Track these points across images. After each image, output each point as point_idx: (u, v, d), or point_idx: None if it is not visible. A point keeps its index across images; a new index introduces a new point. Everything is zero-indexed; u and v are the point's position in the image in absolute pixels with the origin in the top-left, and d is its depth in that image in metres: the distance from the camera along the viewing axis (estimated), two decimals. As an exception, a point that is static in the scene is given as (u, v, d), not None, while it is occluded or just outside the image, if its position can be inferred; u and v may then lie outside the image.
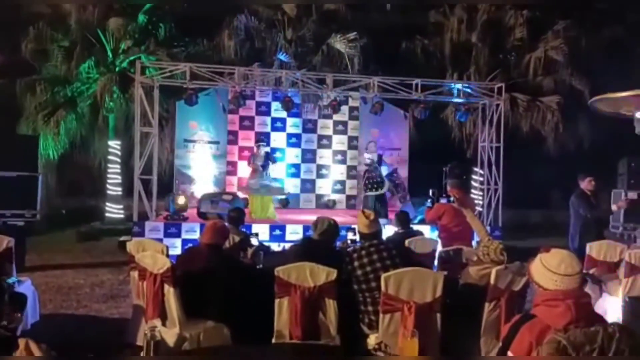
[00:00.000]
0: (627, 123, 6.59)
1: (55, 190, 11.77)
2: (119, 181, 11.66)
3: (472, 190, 11.67)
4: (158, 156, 9.59)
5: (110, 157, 11.60)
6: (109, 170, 11.65)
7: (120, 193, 11.72)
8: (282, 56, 11.37)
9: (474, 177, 11.80)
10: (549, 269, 2.02)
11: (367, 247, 3.70)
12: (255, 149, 10.70)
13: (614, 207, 7.05)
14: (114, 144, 11.57)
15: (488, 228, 9.06)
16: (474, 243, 5.56)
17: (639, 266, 4.56)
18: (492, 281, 3.42)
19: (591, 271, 5.15)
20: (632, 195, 8.77)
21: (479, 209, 10.48)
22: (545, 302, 1.99)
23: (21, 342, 1.72)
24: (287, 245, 5.40)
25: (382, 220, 7.05)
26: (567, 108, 11.95)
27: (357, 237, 4.12)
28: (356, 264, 3.61)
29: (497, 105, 10.07)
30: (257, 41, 11.94)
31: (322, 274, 3.36)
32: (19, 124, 10.91)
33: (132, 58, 11.03)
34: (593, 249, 5.34)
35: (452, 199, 5.97)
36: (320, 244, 3.99)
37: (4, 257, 4.22)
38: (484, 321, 3.43)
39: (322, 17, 12.36)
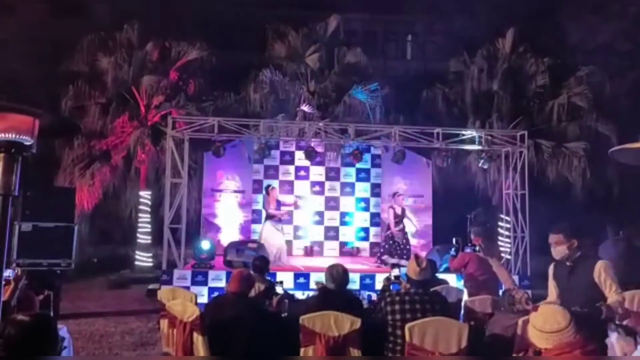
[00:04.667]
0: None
1: (88, 239, 12.11)
2: (149, 230, 11.94)
3: (500, 238, 11.51)
4: (186, 205, 9.87)
5: (140, 207, 11.94)
6: (139, 220, 11.97)
7: (149, 241, 11.98)
8: (305, 107, 11.75)
9: (500, 224, 11.68)
10: (537, 328, 2.07)
11: (412, 294, 3.69)
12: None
13: None
14: (145, 194, 11.94)
15: (516, 277, 8.91)
16: (500, 292, 5.50)
17: (674, 315, 4.42)
18: (518, 332, 3.40)
19: (625, 322, 5.00)
20: None
21: (506, 256, 10.31)
22: (554, 357, 2.02)
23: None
24: (311, 294, 5.43)
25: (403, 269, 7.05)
26: (594, 154, 11.80)
27: (405, 281, 4.06)
28: (397, 307, 3.59)
29: (521, 152, 10.08)
30: (282, 93, 12.39)
31: (346, 323, 3.41)
32: (57, 176, 11.43)
33: (163, 112, 11.57)
34: (626, 298, 5.20)
35: (477, 247, 5.96)
36: (339, 294, 4.01)
37: (43, 307, 4.38)
38: (511, 373, 3.38)
39: (343, 69, 12.78)
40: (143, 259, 11.91)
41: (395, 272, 5.23)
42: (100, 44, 11.99)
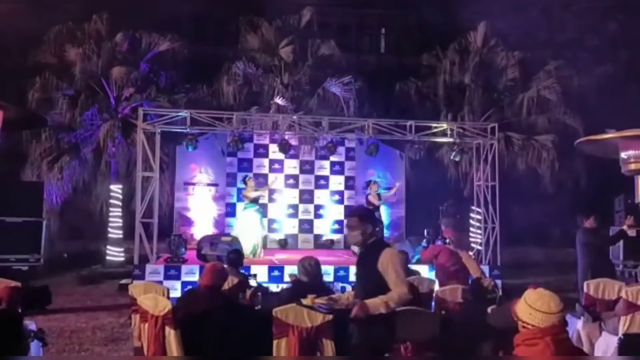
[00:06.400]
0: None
1: (58, 234, 11.84)
2: (120, 224, 11.75)
3: (471, 229, 11.73)
4: (158, 199, 9.74)
5: (111, 201, 11.74)
6: (111, 214, 11.76)
7: (121, 236, 11.79)
8: (279, 100, 11.69)
9: (471, 215, 11.89)
10: (527, 302, 2.12)
11: None
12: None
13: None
14: (116, 188, 11.73)
15: (486, 267, 9.12)
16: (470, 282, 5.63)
17: (636, 304, 4.56)
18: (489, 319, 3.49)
19: (592, 308, 5.14)
20: (631, 232, 8.76)
21: (477, 247, 10.51)
22: (524, 341, 2.07)
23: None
24: (285, 286, 5.46)
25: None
26: (562, 146, 12.08)
27: None
28: None
29: (492, 144, 10.26)
30: (255, 86, 12.30)
31: (319, 315, 3.43)
32: (24, 170, 11.12)
33: (134, 105, 11.36)
34: (591, 286, 5.35)
35: (447, 240, 6.09)
36: (312, 286, 4.03)
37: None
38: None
39: (317, 62, 12.76)
40: (114, 254, 11.73)
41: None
42: (68, 35, 11.68)
